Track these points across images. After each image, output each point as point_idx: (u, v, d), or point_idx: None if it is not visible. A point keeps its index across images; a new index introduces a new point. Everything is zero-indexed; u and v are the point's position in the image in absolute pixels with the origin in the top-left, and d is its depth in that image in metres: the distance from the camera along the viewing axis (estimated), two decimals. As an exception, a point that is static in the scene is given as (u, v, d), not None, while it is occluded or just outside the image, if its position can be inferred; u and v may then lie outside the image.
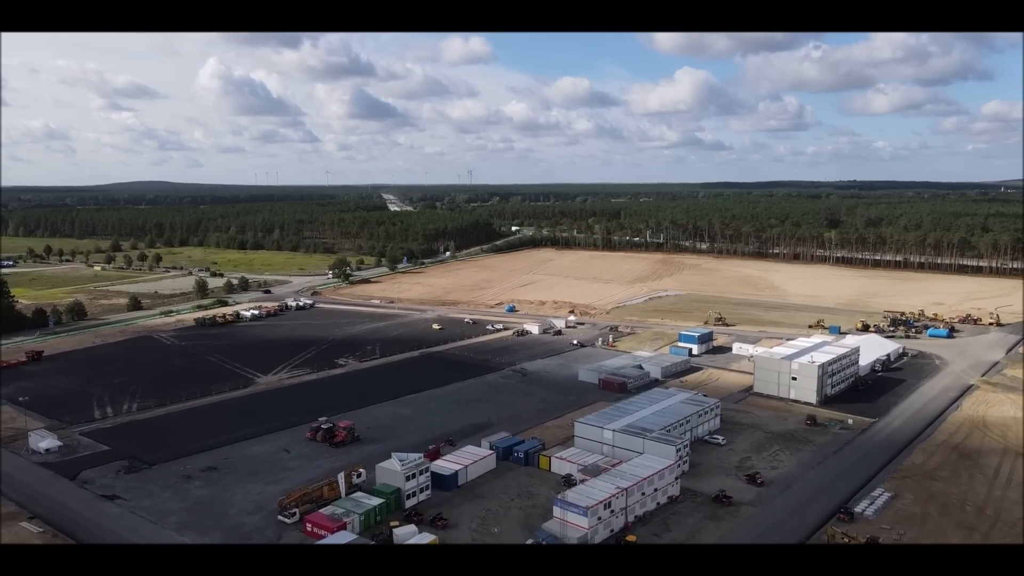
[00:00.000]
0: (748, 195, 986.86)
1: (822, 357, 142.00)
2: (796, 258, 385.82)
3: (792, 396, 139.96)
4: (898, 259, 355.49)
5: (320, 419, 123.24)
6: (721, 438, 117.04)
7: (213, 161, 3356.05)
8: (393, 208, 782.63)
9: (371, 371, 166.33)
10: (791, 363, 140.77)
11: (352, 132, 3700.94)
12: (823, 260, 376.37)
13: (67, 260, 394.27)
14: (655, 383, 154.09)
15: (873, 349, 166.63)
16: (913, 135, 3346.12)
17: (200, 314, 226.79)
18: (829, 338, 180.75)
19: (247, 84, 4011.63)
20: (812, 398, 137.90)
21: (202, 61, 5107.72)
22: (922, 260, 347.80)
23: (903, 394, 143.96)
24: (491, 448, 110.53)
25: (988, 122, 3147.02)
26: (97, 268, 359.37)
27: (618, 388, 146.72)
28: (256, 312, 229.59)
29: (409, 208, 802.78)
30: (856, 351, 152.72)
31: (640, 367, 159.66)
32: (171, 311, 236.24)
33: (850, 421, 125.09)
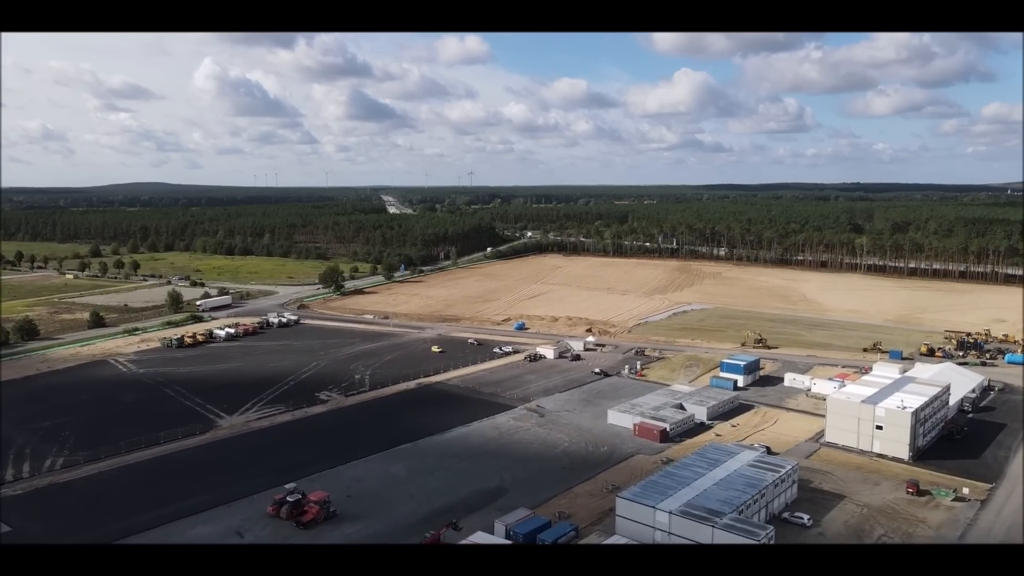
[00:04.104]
0: (753, 197, 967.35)
1: (912, 400, 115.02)
2: (823, 266, 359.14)
3: (876, 449, 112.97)
4: (935, 267, 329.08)
5: (287, 486, 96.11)
6: (806, 517, 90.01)
7: (212, 162, 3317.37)
8: (392, 210, 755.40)
9: (358, 410, 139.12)
10: (875, 408, 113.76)
11: (351, 133, 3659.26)
12: (852, 268, 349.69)
13: (39, 267, 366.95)
14: (700, 427, 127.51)
15: (956, 383, 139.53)
16: (913, 137, 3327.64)
17: (167, 334, 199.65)
18: (894, 366, 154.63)
19: (243, 85, 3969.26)
20: (903, 452, 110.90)
21: (196, 61, 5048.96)
22: (962, 269, 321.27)
23: (1010, 445, 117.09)
24: (508, 535, 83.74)
25: (988, 124, 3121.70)
26: (69, 276, 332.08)
27: (658, 436, 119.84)
28: (232, 331, 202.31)
29: (408, 211, 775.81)
30: (947, 390, 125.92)
31: (681, 406, 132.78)
32: (136, 329, 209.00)
33: (965, 490, 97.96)
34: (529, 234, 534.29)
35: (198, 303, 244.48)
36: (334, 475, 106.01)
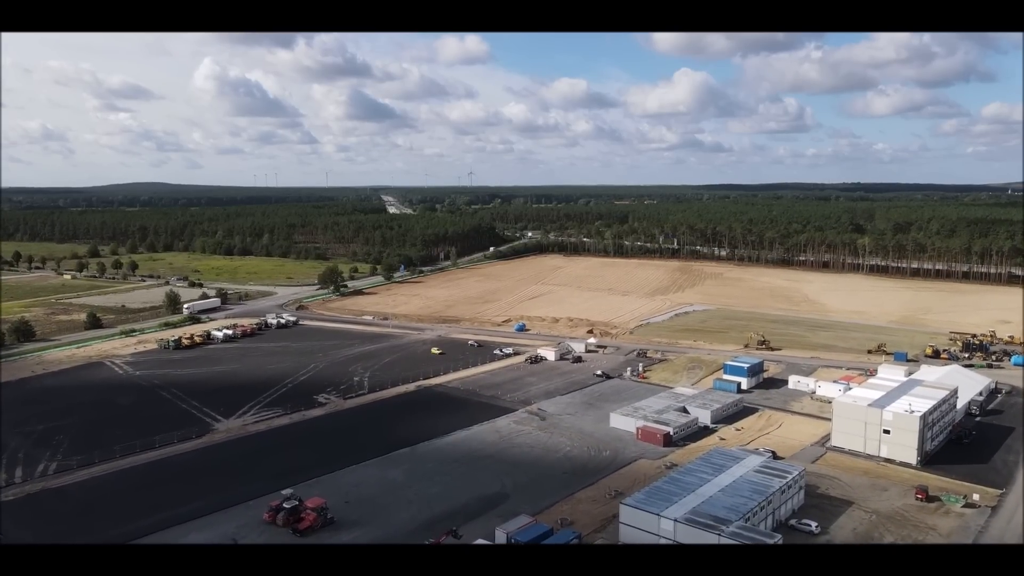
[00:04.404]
0: (754, 197, 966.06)
1: (920, 404, 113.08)
2: (825, 266, 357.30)
3: (884, 454, 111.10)
4: (938, 268, 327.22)
5: (284, 492, 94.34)
6: (814, 524, 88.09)
7: (212, 162, 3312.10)
8: (392, 210, 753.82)
9: (356, 413, 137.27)
10: (882, 412, 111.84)
11: (350, 133, 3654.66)
12: (855, 268, 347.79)
13: (37, 267, 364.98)
14: (704, 431, 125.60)
15: (963, 385, 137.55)
16: (913, 137, 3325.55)
17: (164, 335, 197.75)
18: (899, 368, 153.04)
19: (243, 85, 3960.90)
20: (911, 457, 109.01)
21: (196, 61, 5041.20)
22: (966, 269, 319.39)
23: (1019, 449, 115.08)
24: (509, 543, 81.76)
25: (988, 124, 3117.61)
26: (67, 276, 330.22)
27: (661, 440, 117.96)
28: (230, 332, 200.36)
29: (408, 211, 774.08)
30: (955, 393, 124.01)
31: (684, 409, 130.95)
32: (133, 330, 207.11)
33: (976, 496, 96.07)
34: (529, 234, 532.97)
35: (184, 306, 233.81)
36: (332, 480, 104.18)
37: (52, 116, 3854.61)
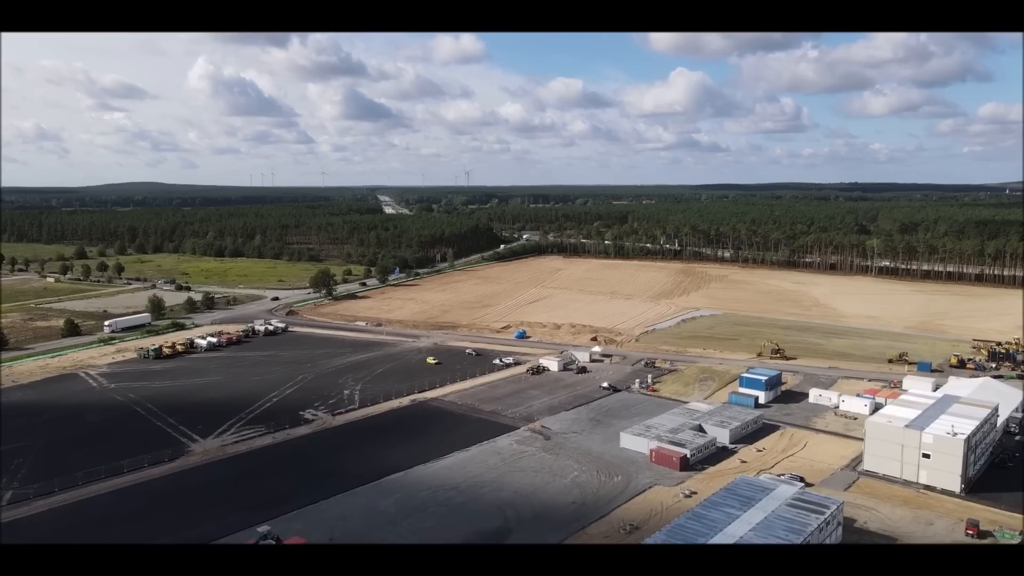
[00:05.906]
0: (752, 197, 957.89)
1: (962, 424, 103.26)
2: (832, 268, 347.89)
3: (923, 480, 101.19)
4: (949, 270, 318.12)
5: (260, 529, 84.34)
6: (857, 568, 78.06)
7: (208, 162, 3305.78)
8: (388, 211, 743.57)
9: (345, 431, 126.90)
10: (921, 434, 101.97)
11: (346, 133, 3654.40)
12: (863, 271, 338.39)
13: (20, 269, 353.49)
14: (723, 452, 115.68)
15: (998, 401, 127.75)
16: (910, 137, 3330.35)
17: (144, 343, 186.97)
18: (925, 380, 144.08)
19: (237, 84, 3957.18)
20: (953, 484, 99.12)
21: (190, 60, 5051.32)
22: (978, 272, 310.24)
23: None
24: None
25: (985, 124, 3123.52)
26: (50, 279, 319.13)
27: (677, 463, 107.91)
28: (214, 340, 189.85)
29: (405, 211, 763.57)
30: (996, 411, 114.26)
31: (700, 428, 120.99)
32: (112, 338, 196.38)
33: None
34: (527, 235, 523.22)
35: (105, 324, 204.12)
36: (315, 512, 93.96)
37: (46, 116, 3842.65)
